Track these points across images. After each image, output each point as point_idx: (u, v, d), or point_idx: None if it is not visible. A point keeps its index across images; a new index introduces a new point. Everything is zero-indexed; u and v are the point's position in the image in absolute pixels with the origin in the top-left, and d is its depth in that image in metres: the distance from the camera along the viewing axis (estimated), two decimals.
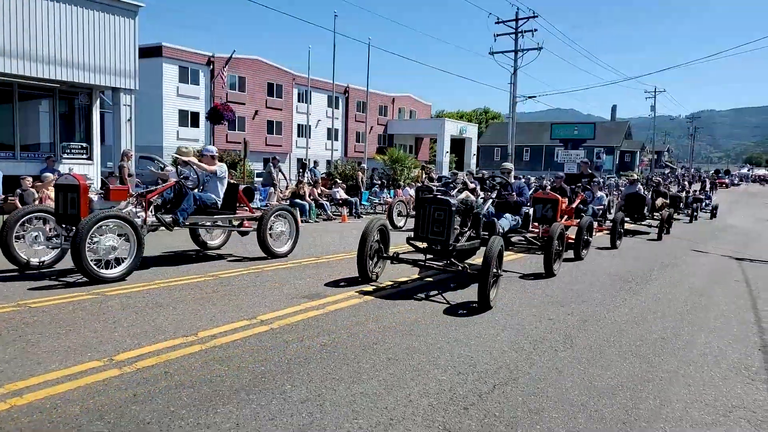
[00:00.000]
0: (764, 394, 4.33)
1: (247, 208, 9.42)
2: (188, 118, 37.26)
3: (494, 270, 6.20)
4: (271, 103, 42.26)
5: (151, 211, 7.90)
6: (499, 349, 4.97)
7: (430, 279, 8.00)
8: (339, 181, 19.59)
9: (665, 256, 11.82)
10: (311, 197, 16.61)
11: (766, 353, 5.37)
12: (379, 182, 19.60)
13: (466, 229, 7.24)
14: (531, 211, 9.33)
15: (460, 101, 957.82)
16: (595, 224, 12.90)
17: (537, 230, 10.41)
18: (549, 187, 13.69)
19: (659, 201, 17.41)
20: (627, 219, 15.36)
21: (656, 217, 16.16)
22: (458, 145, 54.63)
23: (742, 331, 6.11)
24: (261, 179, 20.24)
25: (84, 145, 16.90)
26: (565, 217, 11.68)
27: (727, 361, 5.07)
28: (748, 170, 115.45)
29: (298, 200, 16.01)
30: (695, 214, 23.44)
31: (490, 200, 8.09)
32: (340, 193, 18.56)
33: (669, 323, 6.27)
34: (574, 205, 12.46)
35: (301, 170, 22.95)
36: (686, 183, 41.98)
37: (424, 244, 7.05)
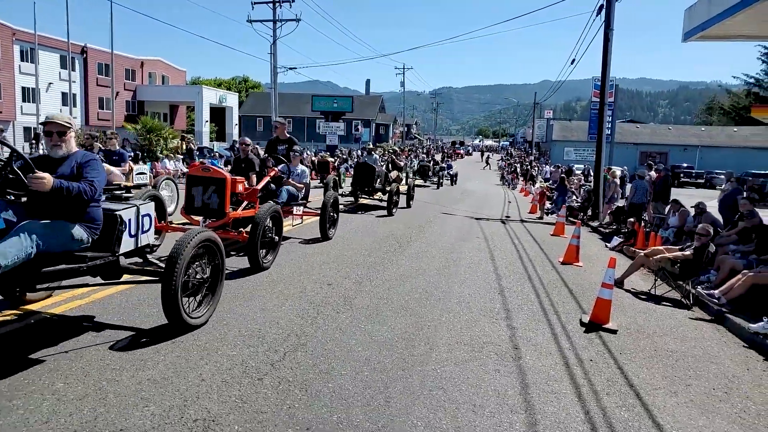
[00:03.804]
0: (506, 330, 5.24)
1: None
2: None
3: None
4: None
5: None
6: (285, 318, 5.08)
7: None
8: None
9: (422, 219, 13.19)
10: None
11: (504, 296, 6.46)
12: (132, 154, 17.83)
13: None
14: (128, 212, 4.46)
15: (217, 68, 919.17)
16: (300, 209, 9.35)
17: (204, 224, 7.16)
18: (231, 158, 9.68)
19: (393, 173, 15.95)
20: (359, 193, 14.46)
21: (387, 191, 13.87)
22: (218, 114, 52.60)
23: (485, 280, 7.24)
24: None
25: None
26: (243, 205, 7.87)
27: (477, 305, 5.98)
28: (480, 141, 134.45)
29: None
30: (441, 181, 26.58)
31: None
32: None
33: (430, 278, 7.10)
34: (260, 186, 8.34)
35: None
36: (433, 153, 47.11)
37: None
